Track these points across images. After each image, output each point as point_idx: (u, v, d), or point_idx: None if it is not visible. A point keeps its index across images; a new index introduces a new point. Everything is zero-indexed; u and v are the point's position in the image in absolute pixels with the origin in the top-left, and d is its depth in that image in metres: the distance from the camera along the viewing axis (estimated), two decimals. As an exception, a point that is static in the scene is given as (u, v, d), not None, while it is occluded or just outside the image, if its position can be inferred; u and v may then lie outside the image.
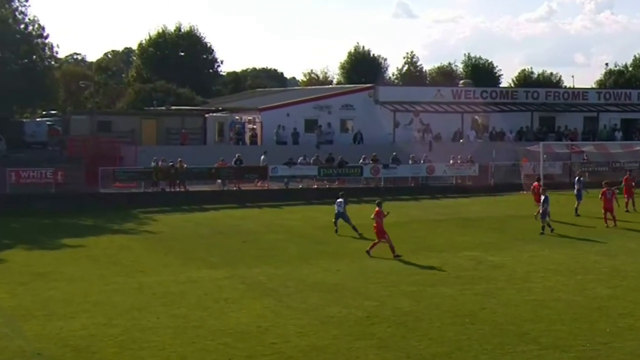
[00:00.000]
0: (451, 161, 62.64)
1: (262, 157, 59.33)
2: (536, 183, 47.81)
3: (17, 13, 73.55)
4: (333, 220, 41.83)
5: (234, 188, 57.88)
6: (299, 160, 59.33)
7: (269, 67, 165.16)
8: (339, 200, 41.70)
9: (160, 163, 55.75)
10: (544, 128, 76.35)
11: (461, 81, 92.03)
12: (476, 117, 76.85)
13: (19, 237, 40.98)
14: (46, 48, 76.33)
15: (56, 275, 31.51)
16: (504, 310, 25.53)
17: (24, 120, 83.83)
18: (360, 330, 23.31)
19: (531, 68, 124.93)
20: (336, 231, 41.28)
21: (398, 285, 29.09)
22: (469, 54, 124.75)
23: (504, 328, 23.49)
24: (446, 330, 23.30)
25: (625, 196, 49.51)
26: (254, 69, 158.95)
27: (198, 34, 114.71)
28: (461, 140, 72.23)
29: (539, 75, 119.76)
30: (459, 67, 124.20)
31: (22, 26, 73.92)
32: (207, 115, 72.90)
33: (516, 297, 27.28)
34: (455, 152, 64.07)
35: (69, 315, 25.03)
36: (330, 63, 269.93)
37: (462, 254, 35.42)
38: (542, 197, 41.12)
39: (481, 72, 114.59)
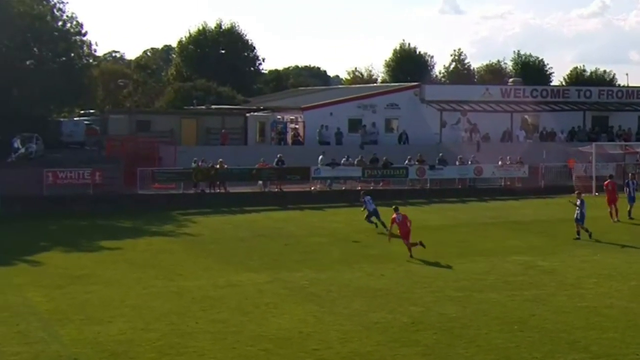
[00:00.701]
0: (500, 162, 62.32)
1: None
2: (608, 181, 47.54)
3: (55, 10, 73.90)
4: (367, 219, 43.17)
5: (276, 189, 57.97)
6: (342, 161, 59.29)
7: (311, 65, 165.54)
8: (367, 197, 43.49)
9: (200, 164, 55.95)
10: (597, 128, 75.67)
11: (510, 79, 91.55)
12: (526, 116, 76.44)
13: (56, 239, 41.27)
14: (84, 46, 76.57)
15: (93, 278, 31.73)
16: (555, 317, 25.37)
17: (62, 119, 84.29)
18: (405, 337, 23.26)
19: (583, 66, 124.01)
20: (377, 225, 42.49)
21: (444, 291, 29.01)
22: (518, 51, 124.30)
23: (555, 336, 23.33)
24: (494, 337, 23.19)
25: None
26: (297, 67, 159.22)
27: (239, 31, 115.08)
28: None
29: (591, 73, 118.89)
30: (508, 64, 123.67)
31: (60, 23, 74.16)
32: (248, 114, 73.01)
33: (567, 304, 27.11)
34: (504, 152, 63.70)
35: (106, 319, 25.19)
36: (374, 61, 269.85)
37: (511, 259, 35.25)
38: (579, 201, 40.75)
39: (531, 70, 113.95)
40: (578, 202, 40.66)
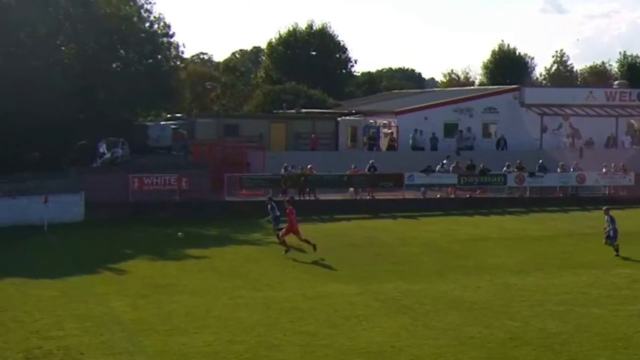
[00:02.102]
0: (604, 169, 61.51)
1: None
2: None
3: (142, 11, 74.69)
4: (275, 226, 42.98)
5: (367, 197, 57.89)
6: (437, 168, 59.06)
7: (405, 67, 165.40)
8: (273, 203, 43.43)
9: (289, 169, 56.16)
10: None
11: (616, 82, 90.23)
12: (632, 121, 75.27)
13: (141, 246, 41.76)
14: (171, 47, 77.25)
15: (179, 287, 32.05)
16: (662, 334, 24.98)
17: (148, 123, 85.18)
18: (502, 353, 23.07)
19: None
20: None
21: (544, 305, 28.72)
22: (624, 52, 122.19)
23: (662, 354, 22.98)
24: (597, 355, 22.89)
25: None
26: (390, 69, 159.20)
27: (331, 32, 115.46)
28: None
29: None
30: (614, 66, 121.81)
31: (147, 25, 74.90)
32: (339, 118, 73.16)
33: (676, 320, 26.67)
34: (609, 159, 62.89)
35: (191, 330, 25.42)
36: (472, 62, 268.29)
37: (615, 271, 34.81)
38: (607, 218, 39.99)
39: (638, 72, 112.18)
40: (607, 219, 39.96)
